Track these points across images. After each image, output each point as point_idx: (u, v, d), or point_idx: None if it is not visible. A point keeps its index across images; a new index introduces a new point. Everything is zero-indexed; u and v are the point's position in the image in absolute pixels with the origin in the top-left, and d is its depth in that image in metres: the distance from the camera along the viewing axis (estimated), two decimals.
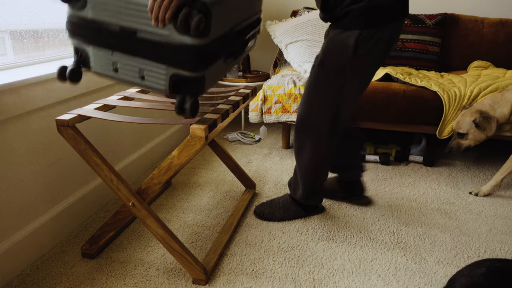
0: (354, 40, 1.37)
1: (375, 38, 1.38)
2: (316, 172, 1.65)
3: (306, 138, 1.59)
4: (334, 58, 1.44)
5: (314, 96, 1.52)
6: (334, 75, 1.45)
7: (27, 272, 1.40)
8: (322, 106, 1.51)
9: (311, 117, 1.55)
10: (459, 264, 1.47)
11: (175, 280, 1.37)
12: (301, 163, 1.64)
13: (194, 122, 1.27)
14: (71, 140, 1.30)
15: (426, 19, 2.73)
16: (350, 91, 1.48)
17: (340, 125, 1.55)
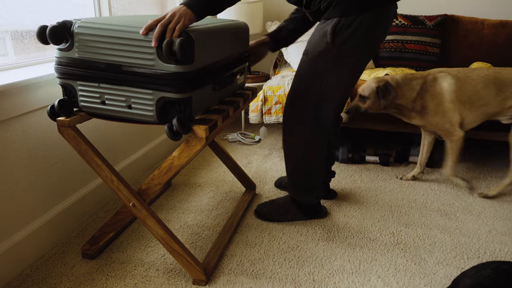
0: (332, 27, 1.42)
1: (353, 26, 1.41)
2: (304, 164, 1.63)
3: (293, 123, 1.60)
4: (315, 45, 1.48)
5: (298, 83, 1.55)
6: (315, 61, 1.49)
7: (27, 272, 1.40)
8: (304, 92, 1.53)
9: (296, 104, 1.57)
10: (459, 265, 1.47)
11: (175, 280, 1.37)
12: (288, 152, 1.65)
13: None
14: (71, 141, 1.30)
15: (426, 20, 2.73)
16: (332, 81, 1.49)
17: (325, 117, 1.55)
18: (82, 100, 1.27)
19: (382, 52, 2.78)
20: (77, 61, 1.22)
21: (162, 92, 1.17)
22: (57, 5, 1.74)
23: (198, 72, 1.20)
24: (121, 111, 1.24)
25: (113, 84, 1.21)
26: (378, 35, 1.49)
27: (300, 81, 1.54)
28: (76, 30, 1.19)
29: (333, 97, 1.53)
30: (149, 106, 1.20)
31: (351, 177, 2.21)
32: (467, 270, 1.06)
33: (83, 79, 1.24)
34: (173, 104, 1.19)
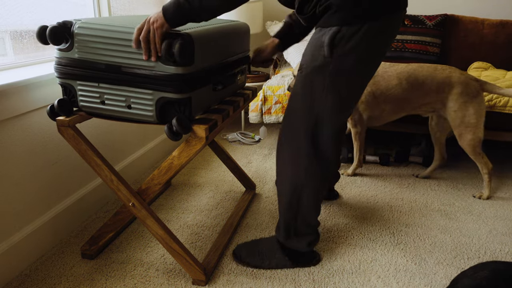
0: (329, 38, 1.18)
1: (357, 36, 1.17)
2: (295, 202, 1.36)
3: (286, 157, 1.35)
4: (310, 59, 1.26)
5: (292, 104, 1.32)
6: (311, 78, 1.26)
7: (26, 272, 1.40)
8: (300, 115, 1.29)
9: (290, 132, 1.33)
10: (459, 265, 1.47)
11: (175, 280, 1.37)
12: (279, 189, 1.39)
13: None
14: (71, 140, 1.30)
15: (426, 20, 2.73)
16: (330, 101, 1.25)
17: (323, 143, 1.31)
18: (82, 100, 1.27)
19: None
20: (77, 62, 1.22)
21: (162, 92, 1.17)
22: (57, 4, 1.73)
23: (198, 73, 1.20)
24: (121, 111, 1.24)
25: (113, 84, 1.21)
26: (384, 46, 1.26)
27: (295, 102, 1.31)
28: (76, 30, 1.19)
29: (332, 120, 1.28)
30: (148, 106, 1.20)
31: (351, 177, 2.21)
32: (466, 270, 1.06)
33: (83, 79, 1.24)
34: (172, 104, 1.18)
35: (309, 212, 1.38)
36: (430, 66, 1.94)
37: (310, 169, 1.32)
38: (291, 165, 1.34)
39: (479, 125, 1.88)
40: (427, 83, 1.90)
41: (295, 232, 1.40)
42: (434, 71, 1.91)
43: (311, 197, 1.36)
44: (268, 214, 1.80)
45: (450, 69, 1.91)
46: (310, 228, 1.42)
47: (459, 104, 1.86)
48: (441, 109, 1.95)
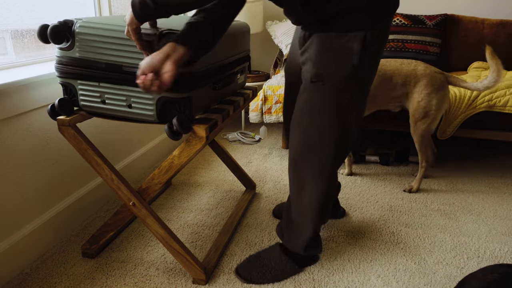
0: (360, 45, 1.09)
1: (380, 37, 1.13)
2: (322, 214, 1.33)
3: (307, 174, 1.27)
4: (334, 69, 1.14)
5: (314, 121, 1.20)
6: (338, 91, 1.15)
7: (27, 271, 1.40)
8: (326, 133, 1.20)
9: (313, 149, 1.23)
10: (458, 265, 1.47)
11: (175, 279, 1.37)
12: (302, 207, 1.31)
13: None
14: (72, 140, 1.30)
15: (427, 20, 2.73)
16: (357, 111, 1.21)
17: (348, 151, 1.30)
18: (83, 99, 1.27)
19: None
20: (78, 61, 1.22)
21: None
22: (57, 3, 1.73)
23: (198, 72, 1.20)
24: (121, 111, 1.25)
25: (114, 84, 1.21)
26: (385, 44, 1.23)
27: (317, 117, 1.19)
28: (77, 29, 1.19)
29: (358, 120, 1.24)
30: (149, 106, 1.20)
31: (351, 177, 2.21)
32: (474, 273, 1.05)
33: (84, 78, 1.24)
34: (173, 103, 1.19)
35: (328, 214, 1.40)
36: (396, 61, 1.98)
37: (332, 179, 1.29)
38: (316, 182, 1.26)
39: (437, 117, 1.94)
40: (395, 77, 1.93)
41: (315, 240, 1.40)
42: (401, 65, 1.95)
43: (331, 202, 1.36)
44: (268, 214, 1.80)
45: (416, 63, 1.95)
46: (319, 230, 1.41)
47: (423, 95, 1.90)
48: (406, 102, 1.98)
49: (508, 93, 2.10)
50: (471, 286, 1.01)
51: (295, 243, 1.38)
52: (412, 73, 1.92)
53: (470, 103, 2.13)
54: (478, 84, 1.90)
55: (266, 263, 1.40)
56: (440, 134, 2.22)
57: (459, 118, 2.16)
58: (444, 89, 1.91)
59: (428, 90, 1.89)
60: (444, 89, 1.91)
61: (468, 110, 2.14)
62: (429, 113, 1.91)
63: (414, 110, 1.93)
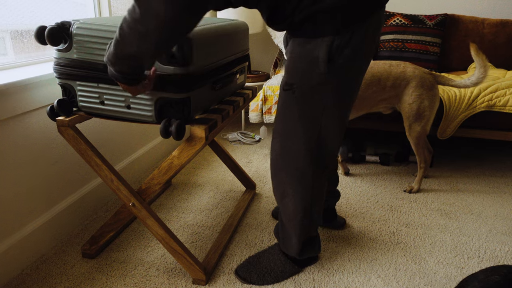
0: (326, 52, 1.04)
1: (353, 41, 1.05)
2: (307, 220, 1.31)
3: (287, 181, 1.26)
4: (302, 78, 1.11)
5: (288, 129, 1.20)
6: (306, 99, 1.13)
7: (27, 271, 1.40)
8: (300, 142, 1.19)
9: (288, 155, 1.22)
10: (459, 265, 1.47)
11: (175, 280, 1.37)
12: (287, 213, 1.31)
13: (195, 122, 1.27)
14: (71, 140, 1.30)
15: (427, 20, 2.73)
16: (332, 119, 1.16)
17: (327, 158, 1.23)
18: (81, 100, 1.27)
19: (383, 52, 2.77)
20: (75, 62, 1.22)
21: (161, 92, 1.17)
22: (57, 4, 1.73)
23: (196, 72, 1.20)
24: (120, 111, 1.24)
25: (112, 84, 1.21)
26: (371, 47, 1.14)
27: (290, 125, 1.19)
28: (74, 31, 1.19)
29: (336, 133, 1.20)
30: (148, 106, 1.20)
31: (351, 177, 2.21)
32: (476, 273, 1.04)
33: (82, 79, 1.24)
34: (171, 104, 1.19)
35: (318, 219, 1.36)
36: (385, 63, 1.97)
37: (315, 186, 1.26)
38: (296, 190, 1.25)
39: (430, 118, 1.94)
40: (383, 79, 1.93)
41: (310, 244, 1.38)
42: (389, 67, 1.94)
43: (319, 207, 1.32)
44: (268, 214, 1.80)
45: (405, 64, 1.95)
46: (317, 230, 1.39)
47: (414, 97, 1.90)
48: (397, 104, 1.98)
49: (508, 93, 2.10)
50: (473, 287, 1.00)
51: (288, 247, 1.38)
52: (401, 75, 1.92)
53: (470, 103, 2.13)
54: (466, 81, 1.92)
55: (265, 264, 1.40)
56: (440, 134, 2.22)
57: (459, 118, 2.15)
58: (434, 89, 1.92)
59: (419, 92, 1.90)
60: (434, 89, 1.92)
61: (468, 110, 2.14)
62: (422, 114, 1.92)
63: (407, 113, 1.94)
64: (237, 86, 1.59)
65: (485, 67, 1.84)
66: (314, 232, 1.38)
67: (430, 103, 1.91)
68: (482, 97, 2.11)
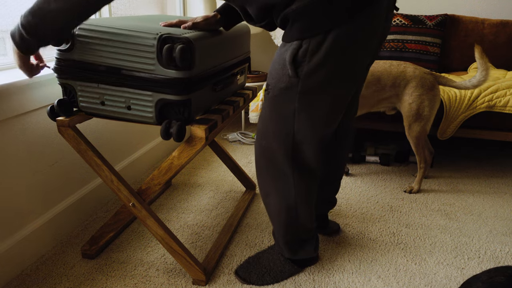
0: (291, 55, 1.04)
1: (324, 48, 1.02)
2: (292, 220, 1.30)
3: (269, 180, 1.27)
4: (275, 80, 1.12)
5: (265, 128, 1.22)
6: (278, 101, 1.13)
7: (27, 272, 1.40)
8: (275, 139, 1.19)
9: (267, 154, 1.23)
10: (459, 265, 1.47)
11: (175, 280, 1.37)
12: (270, 213, 1.32)
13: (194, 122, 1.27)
14: (71, 141, 1.30)
15: (427, 20, 2.73)
16: (305, 122, 1.14)
17: (308, 161, 1.21)
18: (82, 100, 1.27)
19: (383, 52, 2.77)
20: (77, 63, 1.22)
21: (162, 94, 1.17)
22: None
23: (198, 76, 1.20)
24: (120, 112, 1.24)
25: (113, 85, 1.21)
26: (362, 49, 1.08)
27: (266, 126, 1.20)
28: (77, 32, 1.19)
29: (313, 139, 1.16)
30: (148, 108, 1.20)
31: (351, 177, 2.21)
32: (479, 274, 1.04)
33: (83, 79, 1.24)
34: (172, 105, 1.18)
35: (307, 221, 1.33)
36: (385, 62, 1.98)
37: (297, 186, 1.24)
38: (277, 188, 1.26)
39: (430, 118, 1.94)
40: (383, 78, 1.93)
41: (299, 245, 1.37)
42: (390, 67, 1.95)
43: (305, 208, 1.29)
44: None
45: (405, 64, 1.95)
46: (309, 233, 1.38)
47: (414, 97, 1.91)
48: (397, 103, 1.98)
49: (508, 94, 2.10)
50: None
51: (281, 247, 1.38)
52: (401, 75, 1.93)
53: (470, 103, 2.13)
54: (467, 83, 1.93)
55: (265, 264, 1.40)
56: (440, 135, 2.22)
57: (459, 118, 2.15)
58: (434, 90, 1.92)
59: (419, 92, 1.90)
60: (434, 89, 1.92)
61: (468, 110, 2.14)
62: (422, 114, 1.92)
63: (407, 113, 1.94)
64: (237, 86, 1.59)
65: (487, 70, 1.85)
66: (304, 235, 1.36)
67: (430, 103, 1.91)
68: (483, 97, 2.11)
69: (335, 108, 1.15)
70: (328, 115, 1.15)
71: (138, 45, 1.14)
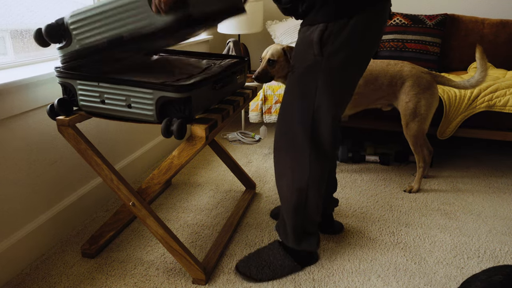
0: (318, 36, 1.17)
1: (346, 31, 1.16)
2: (302, 205, 1.34)
3: (285, 159, 1.33)
4: (300, 60, 1.24)
5: (288, 107, 1.30)
6: (303, 79, 1.24)
7: (27, 271, 1.40)
8: (296, 118, 1.28)
9: (287, 134, 1.31)
10: (459, 265, 1.47)
11: (174, 279, 1.37)
12: (283, 194, 1.36)
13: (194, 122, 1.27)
14: (71, 140, 1.30)
15: (427, 20, 2.73)
16: (325, 100, 1.24)
17: (323, 141, 1.29)
18: (82, 99, 1.27)
19: (383, 52, 2.77)
20: (80, 52, 1.22)
21: (162, 91, 1.17)
22: (57, 3, 1.73)
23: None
24: (121, 111, 1.24)
25: (113, 83, 1.21)
26: (374, 39, 1.25)
27: (289, 104, 1.30)
28: (69, 21, 1.20)
29: (329, 116, 1.26)
30: (148, 106, 1.20)
31: (351, 177, 2.21)
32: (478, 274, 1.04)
33: (83, 78, 1.24)
34: (172, 103, 1.18)
35: (315, 210, 1.36)
36: (383, 62, 1.99)
37: (313, 168, 1.30)
38: (292, 168, 1.31)
39: (428, 117, 1.95)
40: (380, 77, 1.95)
41: (305, 235, 1.38)
42: (387, 66, 1.96)
43: (317, 195, 1.33)
44: (268, 214, 1.80)
45: (402, 64, 1.97)
46: (315, 226, 1.40)
47: (411, 96, 1.92)
48: (395, 102, 1.99)
49: (508, 93, 2.10)
50: (475, 287, 1.00)
51: (285, 235, 1.40)
52: (398, 73, 1.94)
53: (470, 103, 2.13)
54: (465, 83, 1.94)
55: (265, 258, 1.41)
56: (440, 134, 2.22)
57: (459, 118, 2.16)
58: (431, 89, 1.93)
59: (415, 91, 1.91)
60: (431, 88, 1.93)
61: (468, 110, 2.14)
62: (419, 113, 1.93)
63: (404, 111, 1.95)
64: (237, 86, 1.59)
65: (486, 71, 1.87)
66: (309, 227, 1.38)
67: (427, 102, 1.92)
68: (482, 97, 2.11)
69: (348, 88, 1.30)
70: (342, 94, 1.28)
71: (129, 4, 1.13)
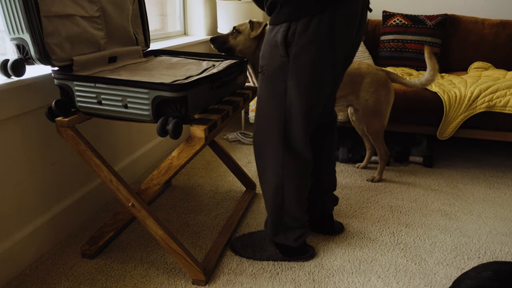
0: (282, 36, 1.16)
1: (311, 29, 1.14)
2: (279, 199, 1.37)
3: (263, 157, 1.37)
4: (268, 60, 1.24)
5: (261, 107, 1.32)
6: (272, 80, 1.25)
7: (26, 272, 1.40)
8: (269, 119, 1.30)
9: (262, 132, 1.34)
10: (459, 265, 1.47)
11: (174, 280, 1.37)
12: (263, 189, 1.42)
13: (194, 122, 1.27)
14: (70, 141, 1.30)
15: (427, 20, 2.73)
16: (295, 100, 1.24)
17: (297, 141, 1.30)
18: (79, 100, 1.27)
19: (383, 52, 2.77)
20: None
21: (157, 91, 1.16)
22: None
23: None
24: (118, 111, 1.24)
25: (109, 84, 1.21)
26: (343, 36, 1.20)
27: (261, 105, 1.32)
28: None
29: (300, 117, 1.26)
30: (145, 105, 1.20)
31: (351, 177, 2.21)
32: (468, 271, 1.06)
33: (80, 79, 1.24)
34: (168, 102, 1.18)
35: (293, 207, 1.39)
36: None
37: (286, 167, 1.33)
38: (270, 165, 1.35)
39: (386, 113, 2.01)
40: None
41: (282, 228, 1.43)
42: None
43: (292, 192, 1.37)
44: None
45: (359, 62, 2.02)
46: (296, 222, 1.42)
47: (370, 93, 1.96)
48: (354, 101, 2.02)
49: (508, 94, 2.10)
50: (465, 285, 1.01)
51: (266, 224, 1.47)
52: (356, 71, 1.98)
53: (470, 103, 2.13)
54: (415, 81, 2.01)
55: (254, 239, 1.51)
56: (440, 135, 2.22)
57: (459, 118, 2.16)
58: (387, 85, 1.99)
59: (374, 88, 1.96)
60: (387, 85, 1.99)
61: (468, 110, 2.14)
62: (379, 109, 1.98)
63: (364, 109, 1.99)
64: (237, 86, 1.59)
65: (435, 70, 1.94)
66: (290, 222, 1.41)
67: (385, 99, 1.98)
68: (482, 97, 2.11)
69: (321, 87, 1.26)
70: (315, 94, 1.26)
71: None
